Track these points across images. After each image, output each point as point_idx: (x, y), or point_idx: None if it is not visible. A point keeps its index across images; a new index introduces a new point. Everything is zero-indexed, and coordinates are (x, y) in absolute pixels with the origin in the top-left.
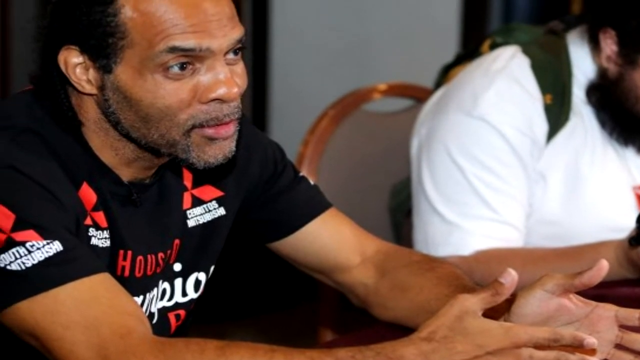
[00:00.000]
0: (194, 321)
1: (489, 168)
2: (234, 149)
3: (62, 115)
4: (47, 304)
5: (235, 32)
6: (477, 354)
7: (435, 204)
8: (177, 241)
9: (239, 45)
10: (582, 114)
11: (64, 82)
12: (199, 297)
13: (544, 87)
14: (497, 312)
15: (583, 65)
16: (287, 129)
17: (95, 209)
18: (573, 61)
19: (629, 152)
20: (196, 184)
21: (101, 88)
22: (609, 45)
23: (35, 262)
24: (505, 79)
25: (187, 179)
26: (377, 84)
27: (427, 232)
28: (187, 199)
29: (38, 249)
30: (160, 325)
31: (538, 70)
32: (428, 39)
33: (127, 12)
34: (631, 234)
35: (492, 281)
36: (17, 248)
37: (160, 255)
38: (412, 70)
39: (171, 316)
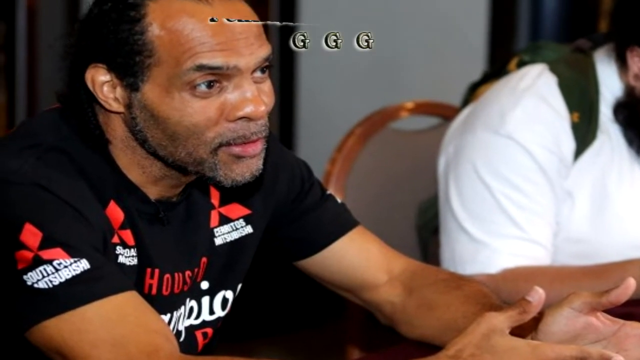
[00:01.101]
0: (222, 339)
1: (516, 186)
2: (261, 167)
3: (89, 134)
4: (74, 322)
5: (262, 50)
6: None
7: (463, 222)
8: (204, 259)
9: (267, 64)
10: (609, 132)
11: (91, 100)
12: (226, 315)
13: (571, 106)
14: (525, 330)
15: (610, 83)
16: (315, 147)
17: (123, 227)
18: (600, 79)
19: None
20: (223, 202)
21: (128, 106)
22: (636, 63)
23: (63, 280)
24: (533, 97)
25: (215, 197)
26: (404, 102)
27: (455, 250)
28: (214, 217)
29: (65, 267)
30: (188, 343)
31: (565, 88)
32: (455, 57)
33: (154, 30)
34: None
35: (520, 299)
36: (45, 266)
37: (188, 273)
38: (440, 88)
39: (198, 334)
